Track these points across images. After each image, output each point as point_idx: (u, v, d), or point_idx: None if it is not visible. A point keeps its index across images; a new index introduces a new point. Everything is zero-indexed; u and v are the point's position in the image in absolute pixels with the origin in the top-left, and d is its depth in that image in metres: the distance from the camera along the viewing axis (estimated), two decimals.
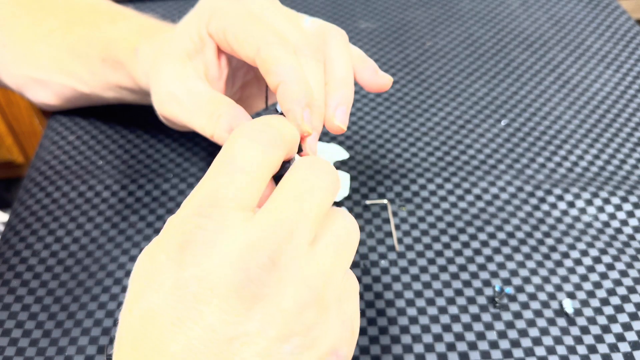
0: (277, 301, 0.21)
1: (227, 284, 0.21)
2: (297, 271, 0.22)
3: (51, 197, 0.44)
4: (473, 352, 0.34)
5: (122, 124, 0.50)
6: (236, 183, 0.22)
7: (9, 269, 0.39)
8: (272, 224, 0.22)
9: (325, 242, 0.24)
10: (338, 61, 0.31)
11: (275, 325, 0.21)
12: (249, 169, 0.23)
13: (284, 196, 0.23)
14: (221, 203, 0.22)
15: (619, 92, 0.51)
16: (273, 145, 0.24)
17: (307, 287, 0.22)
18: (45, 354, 0.34)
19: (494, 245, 0.39)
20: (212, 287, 0.21)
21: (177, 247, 0.22)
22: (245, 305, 0.21)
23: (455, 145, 0.47)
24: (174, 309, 0.21)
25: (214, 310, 0.21)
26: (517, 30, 0.59)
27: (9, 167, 1.38)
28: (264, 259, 0.21)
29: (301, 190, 0.23)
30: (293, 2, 0.64)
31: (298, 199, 0.23)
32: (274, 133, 0.24)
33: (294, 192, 0.23)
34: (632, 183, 0.43)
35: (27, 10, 0.47)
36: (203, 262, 0.21)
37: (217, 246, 0.21)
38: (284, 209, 0.22)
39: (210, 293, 0.21)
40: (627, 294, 0.36)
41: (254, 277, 0.21)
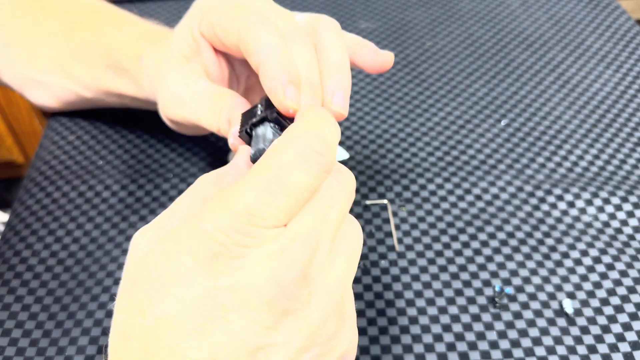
0: (306, 315, 0.22)
1: (261, 297, 0.21)
2: (322, 283, 0.23)
3: (51, 197, 0.44)
4: (473, 352, 0.34)
5: (122, 124, 0.50)
6: (278, 204, 0.22)
7: (9, 269, 0.39)
8: (303, 239, 0.22)
9: (341, 251, 0.24)
10: (331, 47, 0.30)
11: (301, 337, 0.22)
12: (294, 193, 0.22)
13: (312, 207, 0.23)
14: (259, 222, 0.22)
15: (619, 92, 0.51)
16: (324, 171, 0.23)
17: (330, 299, 0.23)
18: (45, 354, 0.34)
19: (494, 245, 0.39)
20: (244, 299, 0.21)
21: (211, 256, 0.21)
22: (276, 318, 0.21)
23: (455, 145, 0.47)
24: (200, 317, 0.21)
25: (244, 320, 0.21)
26: (517, 30, 0.59)
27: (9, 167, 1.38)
28: (297, 275, 0.22)
29: (327, 200, 0.23)
30: (293, 2, 0.64)
31: (324, 210, 0.23)
32: (329, 157, 0.24)
33: (320, 203, 0.23)
34: (632, 183, 0.43)
35: (27, 10, 0.46)
36: (236, 274, 0.21)
37: (252, 261, 0.21)
38: (311, 222, 0.23)
39: (241, 304, 0.21)
40: (627, 294, 0.36)
41: (287, 292, 0.21)
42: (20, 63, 0.46)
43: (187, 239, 0.22)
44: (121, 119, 0.50)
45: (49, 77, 0.45)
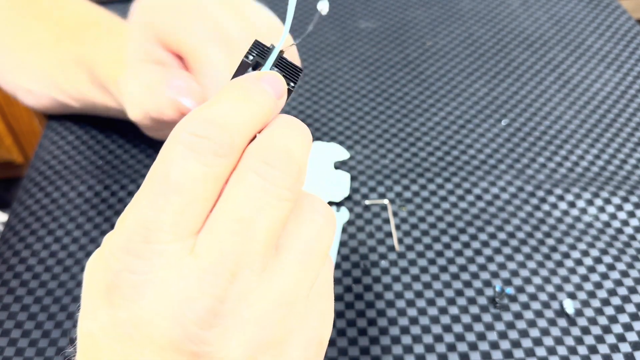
0: (224, 355, 0.18)
1: (164, 337, 0.18)
2: (246, 313, 0.19)
3: (50, 198, 0.44)
4: (473, 353, 0.33)
5: (122, 124, 0.49)
6: (170, 208, 0.18)
7: (8, 269, 0.39)
8: (213, 265, 0.18)
9: (287, 260, 0.20)
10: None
11: None
12: (185, 188, 0.18)
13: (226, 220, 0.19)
14: (153, 237, 0.18)
15: (620, 92, 0.51)
16: (216, 154, 0.19)
17: (261, 329, 0.19)
18: (44, 354, 0.34)
19: (495, 245, 0.39)
20: (148, 336, 0.18)
21: (105, 288, 0.19)
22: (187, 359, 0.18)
23: (456, 145, 0.47)
24: (116, 344, 0.19)
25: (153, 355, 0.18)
26: (518, 30, 0.59)
27: (8, 167, 1.38)
28: (203, 313, 0.18)
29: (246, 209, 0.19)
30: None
31: (243, 223, 0.19)
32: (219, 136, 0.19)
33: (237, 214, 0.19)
34: (633, 183, 0.43)
35: (20, 16, 0.46)
36: (134, 308, 0.18)
37: (149, 292, 0.18)
38: (227, 242, 0.18)
39: (148, 340, 0.18)
40: (628, 294, 0.36)
41: (192, 335, 0.18)
42: (11, 70, 0.46)
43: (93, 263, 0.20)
44: (121, 119, 0.50)
45: (37, 86, 0.45)
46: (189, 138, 0.19)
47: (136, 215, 0.19)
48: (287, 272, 0.20)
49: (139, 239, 0.18)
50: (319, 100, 0.51)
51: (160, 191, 0.18)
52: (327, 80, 0.53)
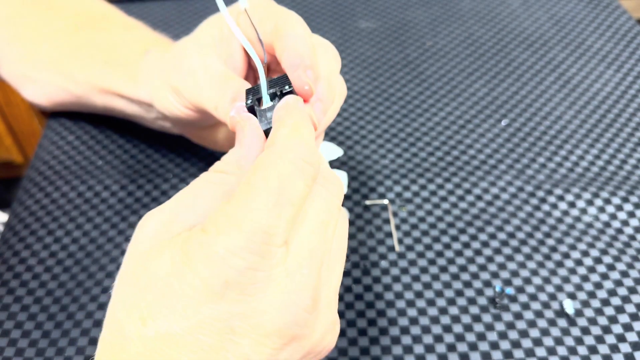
0: (312, 335, 0.23)
1: (273, 325, 0.21)
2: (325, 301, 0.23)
3: (50, 198, 0.44)
4: (473, 353, 0.33)
5: (122, 124, 0.49)
6: (284, 218, 0.22)
7: (8, 269, 0.39)
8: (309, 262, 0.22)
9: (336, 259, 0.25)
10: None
11: (301, 353, 0.23)
12: (295, 203, 0.22)
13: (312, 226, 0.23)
14: (272, 241, 0.21)
15: (620, 92, 0.51)
16: (314, 181, 0.24)
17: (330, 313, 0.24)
18: (44, 354, 0.34)
19: (495, 245, 0.39)
20: (255, 325, 0.21)
21: (224, 283, 0.21)
22: (284, 341, 0.22)
23: (456, 146, 0.47)
24: (208, 338, 0.21)
25: (253, 343, 0.21)
26: (518, 30, 0.59)
27: (8, 167, 1.38)
28: (308, 302, 0.22)
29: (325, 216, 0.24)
30: (293, 2, 0.64)
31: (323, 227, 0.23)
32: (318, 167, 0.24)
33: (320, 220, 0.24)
34: (633, 183, 0.43)
35: (33, 9, 0.47)
36: (250, 302, 0.21)
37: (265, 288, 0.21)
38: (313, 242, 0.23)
39: (252, 329, 0.21)
40: (628, 295, 0.36)
41: (299, 320, 0.22)
42: (19, 61, 0.46)
43: (198, 261, 0.21)
44: (121, 119, 0.50)
45: (43, 74, 0.45)
46: (300, 163, 0.23)
47: (257, 220, 0.21)
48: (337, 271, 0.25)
49: (262, 241, 0.21)
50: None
51: (277, 202, 0.22)
52: None
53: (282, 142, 0.24)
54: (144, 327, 0.21)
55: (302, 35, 0.29)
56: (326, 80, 0.29)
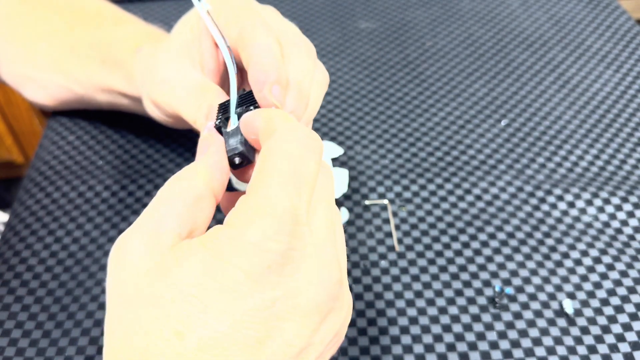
0: (342, 310, 0.23)
1: (310, 302, 0.22)
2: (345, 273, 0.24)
3: (51, 198, 0.44)
4: (473, 353, 0.34)
5: (122, 124, 0.50)
6: (305, 198, 0.22)
7: (8, 269, 0.39)
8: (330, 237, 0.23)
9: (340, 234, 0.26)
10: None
11: (333, 332, 0.23)
12: (311, 181, 0.23)
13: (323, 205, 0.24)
14: (301, 220, 0.22)
15: (619, 92, 0.51)
16: (322, 155, 0.25)
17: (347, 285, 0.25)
18: (45, 354, 0.34)
19: (494, 245, 0.39)
20: (296, 306, 0.21)
21: (265, 268, 0.21)
22: (321, 319, 0.22)
23: (455, 146, 0.47)
24: (253, 330, 0.21)
25: (295, 326, 0.22)
26: (517, 30, 0.59)
27: (8, 167, 1.38)
28: (338, 275, 0.23)
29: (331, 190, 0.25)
30: (293, 2, 0.64)
31: (331, 201, 0.25)
32: (320, 140, 0.25)
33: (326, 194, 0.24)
34: (632, 183, 0.43)
35: (31, 8, 0.47)
36: (290, 282, 0.22)
37: (300, 267, 0.22)
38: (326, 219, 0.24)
39: (294, 311, 0.21)
40: (627, 294, 0.36)
41: (333, 293, 0.22)
42: (19, 61, 0.46)
43: (233, 254, 0.21)
44: (121, 119, 0.50)
45: (44, 74, 0.45)
46: (307, 141, 0.23)
47: (283, 203, 0.22)
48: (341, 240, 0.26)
49: (292, 222, 0.22)
50: None
51: (296, 183, 0.22)
52: None
53: (282, 126, 0.24)
54: (181, 342, 0.20)
55: (267, 44, 0.28)
56: (296, 88, 0.28)
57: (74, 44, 0.44)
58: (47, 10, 0.46)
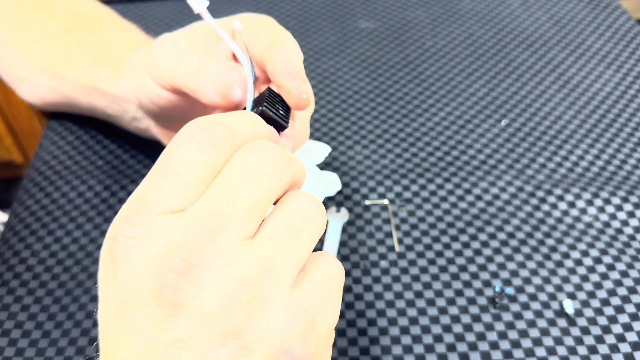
0: (198, 305, 0.20)
1: (147, 290, 0.20)
2: (222, 270, 0.20)
3: (50, 198, 0.44)
4: (473, 353, 0.33)
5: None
6: (166, 186, 0.21)
7: (8, 269, 0.39)
8: (196, 223, 0.20)
9: (268, 231, 0.22)
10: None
11: (201, 330, 0.20)
12: (182, 170, 0.21)
13: (215, 189, 0.21)
14: (147, 208, 0.21)
15: (620, 92, 0.51)
16: (215, 145, 0.22)
17: (233, 285, 0.20)
18: (44, 354, 0.34)
19: (494, 245, 0.39)
20: (136, 295, 0.20)
21: (109, 255, 0.21)
22: (167, 312, 0.20)
23: (456, 146, 0.47)
24: (116, 317, 0.21)
25: (144, 318, 0.20)
26: (518, 30, 0.59)
27: (8, 167, 1.38)
28: (179, 262, 0.20)
29: (235, 180, 0.21)
30: (293, 2, 0.64)
31: (229, 191, 0.21)
32: (220, 131, 0.22)
33: (225, 183, 0.21)
34: (633, 183, 0.43)
35: (28, 10, 0.47)
36: (126, 268, 0.21)
37: (138, 252, 0.21)
38: (211, 204, 0.21)
39: (137, 301, 0.20)
40: (628, 295, 0.36)
41: (168, 282, 0.20)
42: (14, 62, 0.46)
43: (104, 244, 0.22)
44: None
45: (34, 75, 0.46)
46: (193, 129, 0.22)
47: (137, 193, 0.22)
48: (265, 242, 0.21)
49: (135, 210, 0.21)
50: (319, 100, 0.51)
51: (160, 173, 0.21)
52: (327, 81, 0.53)
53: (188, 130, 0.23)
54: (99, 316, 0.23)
55: (296, 48, 0.30)
56: (301, 120, 0.30)
57: (67, 46, 0.44)
58: (45, 14, 0.47)
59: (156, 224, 0.21)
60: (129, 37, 0.44)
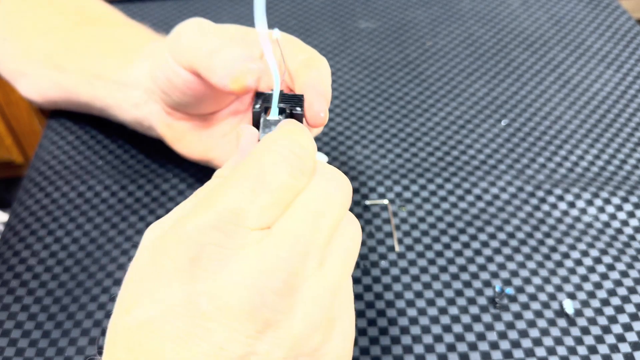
0: (288, 326, 0.21)
1: (241, 305, 0.21)
2: (308, 293, 0.22)
3: (50, 198, 0.44)
4: (473, 353, 0.33)
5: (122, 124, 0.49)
6: (260, 202, 0.22)
7: (8, 269, 0.39)
8: (289, 246, 0.22)
9: (335, 257, 0.23)
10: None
11: (284, 348, 0.21)
12: (276, 191, 0.22)
13: (302, 213, 0.23)
14: (243, 222, 0.21)
15: (620, 92, 0.51)
16: (302, 173, 0.23)
17: (317, 308, 0.22)
18: (44, 354, 0.34)
19: (494, 245, 0.39)
20: (223, 307, 0.21)
21: (189, 259, 0.21)
22: (257, 328, 0.21)
23: (456, 146, 0.47)
24: (181, 322, 0.21)
25: (225, 329, 0.20)
26: (518, 30, 0.59)
27: (8, 167, 1.38)
28: (279, 284, 0.21)
29: (318, 205, 0.23)
30: (293, 2, 0.64)
31: (315, 218, 0.23)
32: (308, 162, 0.24)
33: (312, 209, 0.23)
34: (633, 183, 0.43)
35: (31, 5, 0.47)
36: (216, 279, 0.21)
37: (232, 265, 0.21)
38: (300, 229, 0.22)
39: (221, 313, 0.20)
40: (628, 295, 0.36)
41: (268, 302, 0.21)
42: (15, 56, 0.46)
43: (170, 241, 0.22)
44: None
45: (36, 69, 0.45)
46: (287, 153, 0.23)
47: (229, 201, 0.22)
48: (334, 267, 0.23)
49: (229, 221, 0.21)
50: None
51: (254, 187, 0.22)
52: None
53: (270, 136, 0.24)
54: (127, 317, 0.21)
55: (328, 75, 0.32)
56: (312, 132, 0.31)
57: (72, 39, 0.44)
58: (49, 10, 0.47)
59: (249, 239, 0.21)
60: (141, 31, 0.44)
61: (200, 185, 0.45)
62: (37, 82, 0.46)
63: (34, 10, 0.47)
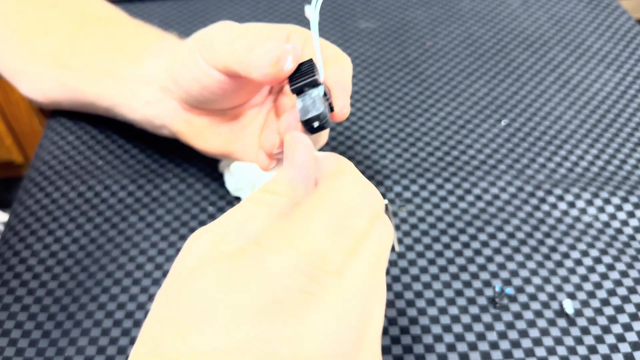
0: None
1: (319, 354, 0.20)
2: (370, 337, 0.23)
3: (51, 198, 0.44)
4: (473, 353, 0.34)
5: (122, 124, 0.49)
6: (343, 249, 0.22)
7: (8, 269, 0.39)
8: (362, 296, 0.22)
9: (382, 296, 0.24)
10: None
11: None
12: (356, 237, 0.22)
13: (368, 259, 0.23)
14: (327, 267, 0.21)
15: (620, 92, 0.51)
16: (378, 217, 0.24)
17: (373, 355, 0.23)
18: (45, 354, 0.34)
19: (494, 245, 0.39)
20: (299, 352, 0.20)
21: (272, 300, 0.20)
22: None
23: (456, 146, 0.47)
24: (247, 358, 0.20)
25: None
26: (518, 30, 0.59)
27: (8, 167, 1.38)
28: (357, 335, 0.21)
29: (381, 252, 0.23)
30: (293, 2, 0.64)
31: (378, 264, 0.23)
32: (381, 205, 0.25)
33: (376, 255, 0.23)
34: (633, 183, 0.43)
35: (34, 6, 0.47)
36: (297, 324, 0.20)
37: (314, 312, 0.21)
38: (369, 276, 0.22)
39: (294, 356, 0.20)
40: (628, 295, 0.36)
41: (345, 352, 0.21)
42: (16, 56, 0.46)
43: (249, 275, 0.21)
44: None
45: (38, 69, 0.45)
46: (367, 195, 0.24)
47: (313, 243, 0.21)
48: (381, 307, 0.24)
49: (315, 266, 0.21)
50: None
51: (336, 230, 0.22)
52: None
53: (353, 173, 0.24)
54: (181, 343, 0.20)
55: (350, 72, 0.33)
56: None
57: (78, 39, 0.44)
58: (53, 10, 0.47)
59: (328, 285, 0.21)
60: (147, 30, 0.44)
61: (200, 185, 0.45)
62: (40, 82, 0.46)
63: (36, 11, 0.46)
